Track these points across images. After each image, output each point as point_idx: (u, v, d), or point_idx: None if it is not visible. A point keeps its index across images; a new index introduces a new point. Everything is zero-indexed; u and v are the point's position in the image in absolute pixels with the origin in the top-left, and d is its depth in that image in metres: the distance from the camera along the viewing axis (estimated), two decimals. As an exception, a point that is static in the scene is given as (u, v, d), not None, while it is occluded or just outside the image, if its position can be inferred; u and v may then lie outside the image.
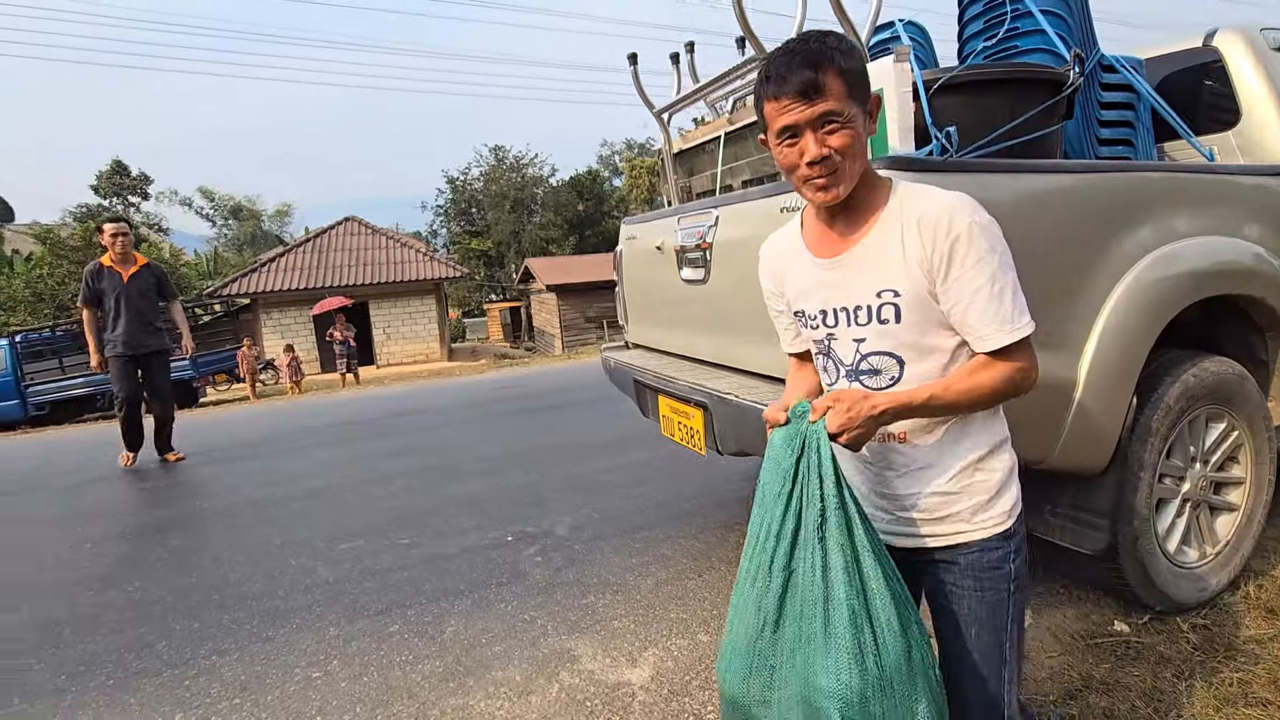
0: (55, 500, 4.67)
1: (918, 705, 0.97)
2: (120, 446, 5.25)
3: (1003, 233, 1.05)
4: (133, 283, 4.89)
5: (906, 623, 0.99)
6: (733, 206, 2.23)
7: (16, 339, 13.34)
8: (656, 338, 2.92)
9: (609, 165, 54.92)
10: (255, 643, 2.38)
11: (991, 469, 1.10)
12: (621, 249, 3.17)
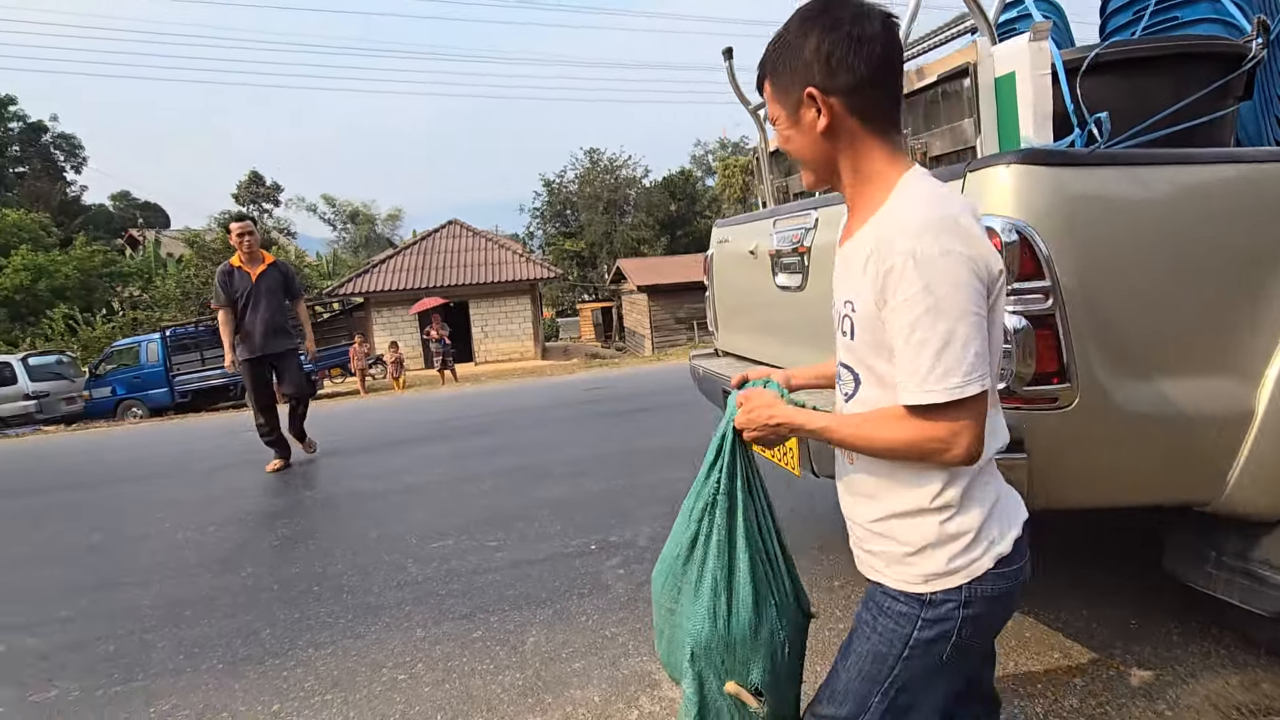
0: (192, 484, 5.12)
1: (753, 668, 1.17)
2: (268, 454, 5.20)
3: (969, 271, 0.84)
4: (261, 281, 4.86)
5: (763, 604, 1.17)
6: (835, 208, 2.05)
7: (167, 333, 14.93)
8: (747, 346, 2.78)
9: (702, 165, 54.65)
10: (348, 638, 2.45)
11: (921, 526, 0.96)
12: (713, 253, 3.05)
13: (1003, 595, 0.96)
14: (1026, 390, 1.48)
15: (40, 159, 36.26)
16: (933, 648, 0.96)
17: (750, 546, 1.18)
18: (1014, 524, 0.98)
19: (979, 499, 0.95)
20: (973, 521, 0.94)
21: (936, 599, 0.95)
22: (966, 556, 0.94)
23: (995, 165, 1.49)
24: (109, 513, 4.48)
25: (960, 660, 0.99)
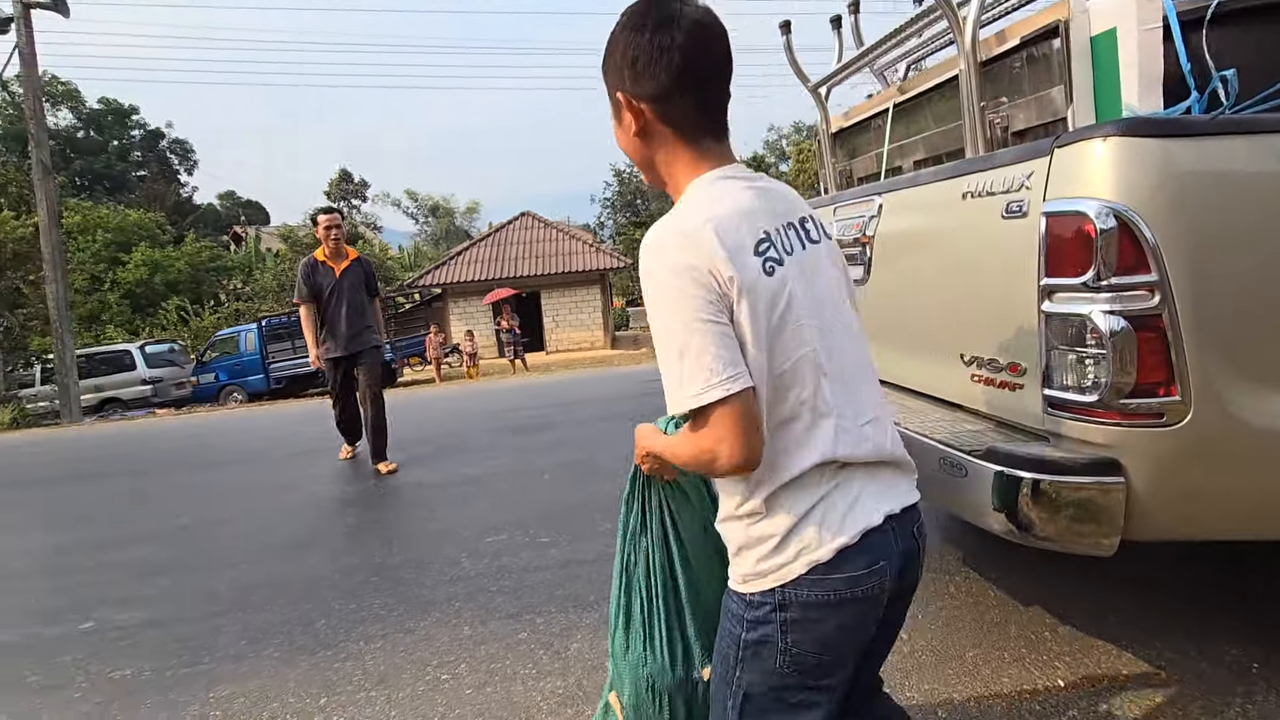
0: (270, 470, 5.40)
1: (625, 687, 1.25)
2: (338, 441, 5.19)
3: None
4: (345, 277, 4.69)
5: (632, 633, 1.24)
6: (900, 193, 1.86)
7: (263, 323, 15.96)
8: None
9: (775, 150, 53.29)
10: (398, 632, 2.48)
11: (734, 529, 0.98)
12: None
13: (826, 604, 0.92)
14: (1125, 404, 1.26)
15: (158, 163, 39.60)
16: (762, 651, 0.96)
17: (635, 580, 1.26)
18: (841, 535, 0.92)
19: (787, 506, 0.93)
20: (777, 527, 0.93)
21: (755, 600, 0.95)
22: (773, 560, 0.94)
23: (1089, 139, 1.28)
24: (197, 496, 4.78)
25: (805, 679, 0.96)
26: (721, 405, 0.84)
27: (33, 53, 12.91)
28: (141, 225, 26.41)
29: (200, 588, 3.06)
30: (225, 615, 2.75)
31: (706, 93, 0.94)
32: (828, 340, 0.93)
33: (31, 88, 13.18)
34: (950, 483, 1.42)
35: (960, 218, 1.57)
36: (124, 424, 10.67)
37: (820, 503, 0.93)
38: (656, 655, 1.21)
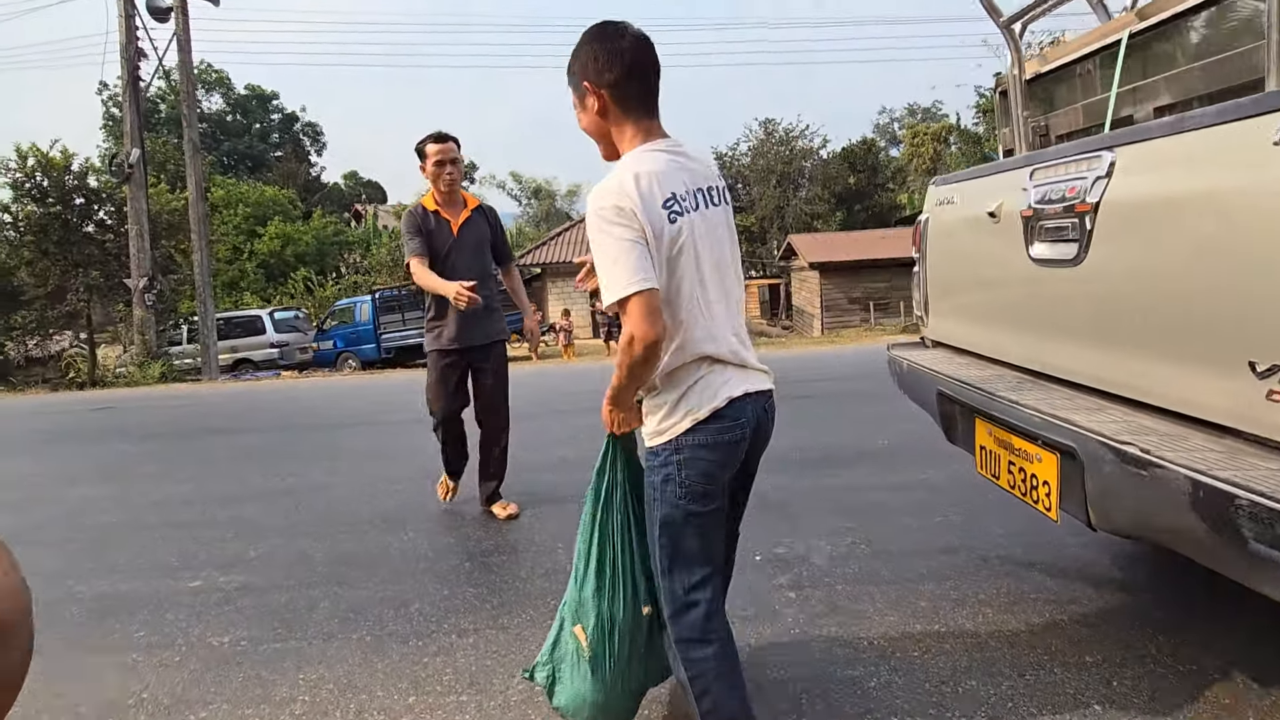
0: (376, 437, 5.50)
1: (590, 621, 1.54)
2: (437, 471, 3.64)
3: None
4: (466, 233, 3.15)
5: (603, 578, 1.54)
6: (1151, 143, 1.41)
7: (377, 295, 16.79)
8: (976, 338, 2.16)
9: (886, 134, 50.25)
10: (491, 628, 2.30)
11: (645, 402, 1.44)
12: (927, 217, 2.44)
13: (704, 445, 1.36)
14: None
15: (292, 144, 42.77)
16: (667, 487, 1.38)
17: (606, 535, 1.55)
18: (715, 401, 1.35)
19: (676, 383, 1.37)
20: (670, 398, 1.38)
21: (658, 449, 1.39)
22: (669, 421, 1.37)
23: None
24: (304, 457, 4.92)
25: (695, 504, 1.37)
26: (637, 297, 1.23)
27: (188, 40, 14.03)
28: (276, 201, 28.58)
29: (298, 554, 3.04)
30: (319, 587, 2.69)
31: (645, 82, 1.36)
32: (711, 276, 1.37)
33: (186, 72, 14.35)
34: (1255, 553, 1.00)
35: (1267, 172, 1.12)
36: (253, 384, 11.49)
37: (699, 381, 1.36)
38: (620, 594, 1.53)
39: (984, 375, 1.96)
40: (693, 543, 1.40)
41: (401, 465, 4.45)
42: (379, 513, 3.53)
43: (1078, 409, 1.52)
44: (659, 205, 1.29)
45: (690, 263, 1.33)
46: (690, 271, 1.33)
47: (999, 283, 1.94)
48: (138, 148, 13.42)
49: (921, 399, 2.26)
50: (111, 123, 32.72)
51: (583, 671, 1.54)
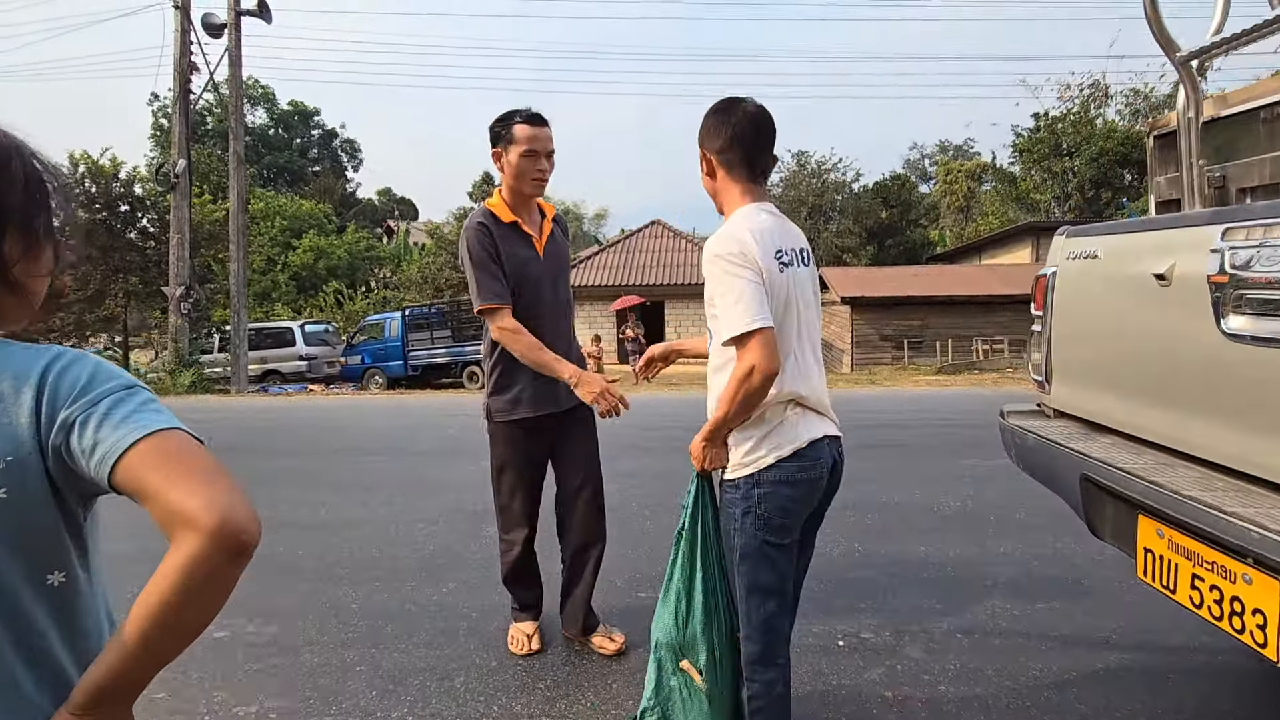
0: (411, 467, 5.28)
1: (700, 654, 1.61)
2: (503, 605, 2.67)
3: None
4: (551, 255, 2.30)
5: (709, 612, 1.61)
6: None
7: (406, 313, 16.79)
8: (1127, 415, 1.88)
9: (916, 169, 49.99)
10: (547, 717, 2.03)
11: (735, 433, 1.53)
12: (1055, 271, 2.17)
13: (784, 482, 1.47)
14: None
15: (330, 160, 43.75)
16: (746, 519, 1.49)
17: (706, 570, 1.63)
18: (797, 441, 1.48)
19: (763, 420, 1.49)
20: (757, 433, 1.49)
21: (740, 483, 1.50)
22: (752, 455, 1.49)
23: None
24: (337, 486, 4.71)
25: (773, 536, 1.49)
26: (759, 332, 1.38)
27: (239, 55, 14.35)
28: (312, 215, 29.06)
29: (332, 604, 2.81)
30: (355, 648, 2.45)
31: (749, 151, 1.54)
32: (803, 323, 1.53)
33: (235, 87, 14.65)
34: None
35: None
36: (282, 399, 11.43)
37: (784, 421, 1.50)
38: (722, 626, 1.61)
39: (1146, 463, 1.68)
40: (768, 574, 1.51)
41: (436, 501, 4.23)
42: (417, 558, 3.30)
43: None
44: (771, 255, 1.46)
45: (793, 311, 1.50)
46: (792, 319, 1.50)
47: (1168, 357, 1.67)
48: (184, 158, 13.65)
49: (1054, 480, 1.97)
50: (159, 133, 33.71)
51: (698, 704, 1.62)
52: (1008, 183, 37.74)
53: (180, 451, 0.61)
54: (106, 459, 0.59)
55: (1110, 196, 32.95)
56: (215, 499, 0.58)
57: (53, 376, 0.62)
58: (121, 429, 0.60)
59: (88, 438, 0.60)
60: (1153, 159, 2.01)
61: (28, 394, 0.61)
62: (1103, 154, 31.96)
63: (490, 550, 3.37)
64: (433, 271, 23.83)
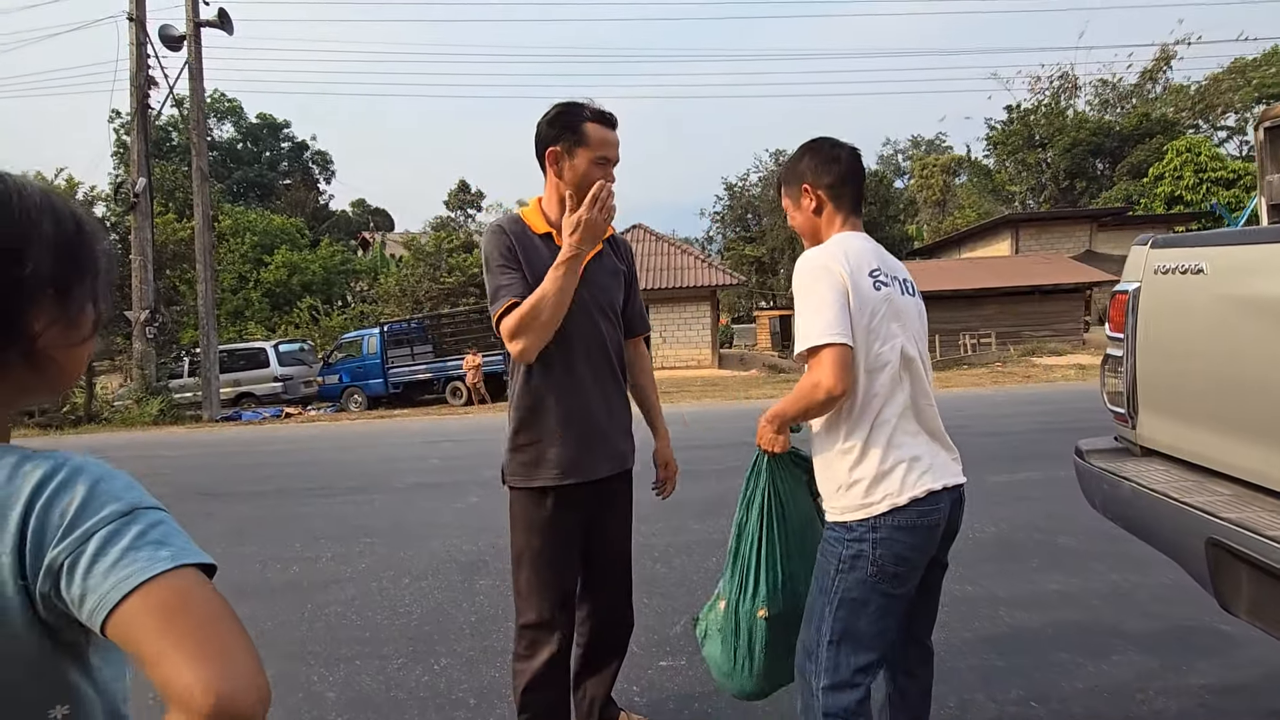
0: (392, 507, 4.88)
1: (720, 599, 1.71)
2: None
3: None
4: (596, 275, 1.77)
5: (734, 566, 1.66)
6: None
7: (385, 328, 16.26)
8: (1252, 462, 1.57)
9: (890, 165, 50.26)
10: None
11: (834, 468, 1.44)
12: (1138, 286, 1.87)
13: (903, 528, 1.38)
14: None
15: (301, 172, 42.86)
16: (857, 563, 1.39)
17: (744, 534, 1.65)
18: (916, 489, 1.39)
19: (878, 456, 1.40)
20: (868, 471, 1.40)
21: (853, 525, 1.40)
22: (867, 499, 1.39)
23: None
24: (311, 536, 4.30)
25: (885, 585, 1.39)
26: (830, 347, 1.35)
27: (200, 68, 13.79)
28: (284, 229, 28.34)
29: (307, 690, 2.42)
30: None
31: (853, 188, 1.57)
32: (910, 347, 1.45)
33: (197, 101, 14.08)
34: None
35: None
36: (253, 429, 10.91)
37: (902, 464, 1.40)
38: (746, 590, 1.62)
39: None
40: (870, 624, 1.41)
41: (421, 550, 3.85)
42: (402, 627, 2.91)
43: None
44: (866, 273, 1.43)
45: (896, 333, 1.44)
46: (894, 343, 1.43)
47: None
48: (144, 177, 13.07)
49: (1164, 541, 1.66)
50: (123, 150, 32.72)
51: (717, 639, 1.70)
52: (983, 175, 38.08)
53: (179, 607, 0.53)
54: (96, 614, 0.53)
55: (1084, 186, 33.33)
56: (213, 676, 0.51)
57: (40, 505, 0.55)
58: (113, 576, 0.53)
59: (76, 586, 0.53)
60: (1264, 154, 1.72)
61: (13, 524, 0.54)
62: (1075, 145, 32.32)
63: (486, 609, 3.03)
64: (411, 284, 23.24)
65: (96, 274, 0.66)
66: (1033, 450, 5.52)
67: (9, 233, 0.59)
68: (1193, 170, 26.22)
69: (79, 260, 0.64)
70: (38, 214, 0.61)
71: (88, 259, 0.65)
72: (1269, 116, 1.70)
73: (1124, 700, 2.13)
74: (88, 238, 0.65)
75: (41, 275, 0.60)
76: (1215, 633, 2.48)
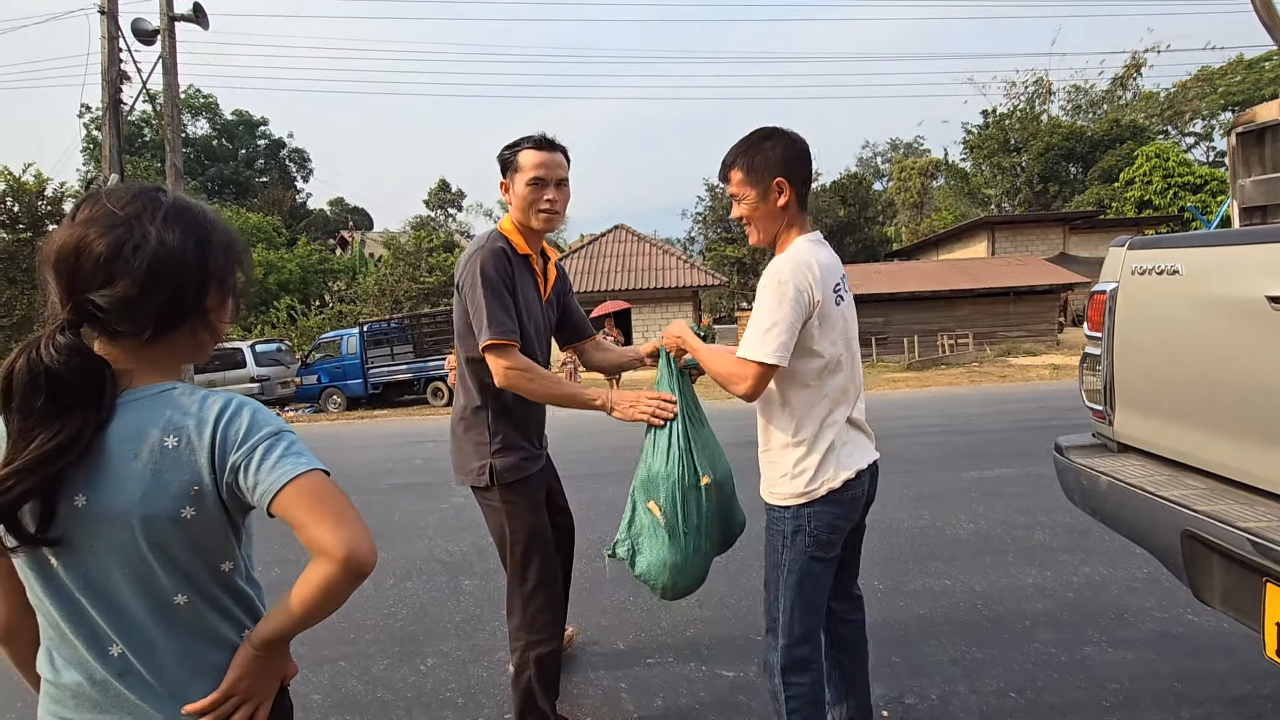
0: (374, 508, 4.84)
1: (660, 495, 1.81)
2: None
3: None
4: (550, 306, 2.11)
5: (670, 460, 1.80)
6: None
7: (364, 328, 16.06)
8: (1222, 456, 1.63)
9: (869, 167, 50.85)
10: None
11: (781, 459, 1.62)
12: (1116, 287, 1.93)
13: (832, 502, 1.59)
14: None
15: (278, 170, 42.19)
16: (796, 537, 1.59)
17: (669, 431, 1.81)
18: (847, 471, 1.60)
19: (820, 448, 1.59)
20: (812, 463, 1.58)
21: (794, 509, 1.59)
22: (808, 487, 1.58)
23: None
24: (289, 538, 4.23)
25: (820, 552, 1.60)
26: (765, 366, 1.50)
27: (174, 63, 13.51)
28: (260, 228, 27.88)
29: (292, 693, 2.39)
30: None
31: (809, 187, 1.67)
32: (849, 349, 1.64)
33: (170, 97, 13.80)
34: None
35: None
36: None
37: (841, 448, 1.61)
38: (682, 468, 1.78)
39: (1266, 518, 1.42)
40: (814, 588, 1.62)
41: (404, 551, 3.82)
42: (387, 628, 2.89)
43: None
44: (831, 289, 1.57)
45: (846, 338, 1.63)
46: (844, 346, 1.62)
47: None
48: (116, 173, 12.77)
49: (1141, 534, 1.71)
50: (92, 146, 31.94)
51: (660, 539, 1.79)
52: (959, 178, 38.65)
53: (317, 493, 0.82)
54: (264, 496, 0.81)
55: (1057, 190, 34.00)
56: (343, 537, 0.79)
57: (223, 425, 0.82)
58: (274, 473, 0.81)
59: (249, 479, 0.82)
60: (1235, 159, 1.78)
61: (207, 438, 0.82)
62: (1049, 149, 32.97)
63: (471, 609, 3.02)
64: (390, 284, 22.99)
65: (241, 272, 0.92)
66: (1009, 448, 5.63)
67: (199, 230, 0.86)
68: (1161, 175, 26.88)
69: (234, 259, 0.91)
70: (213, 220, 0.89)
71: (239, 259, 0.91)
72: (1241, 122, 1.76)
73: (1099, 689, 2.19)
74: (239, 245, 0.92)
75: (216, 265, 0.87)
76: (1185, 623, 2.55)
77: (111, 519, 0.79)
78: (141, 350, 0.84)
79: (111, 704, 0.83)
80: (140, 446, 0.80)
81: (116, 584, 0.81)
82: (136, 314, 0.80)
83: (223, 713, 0.85)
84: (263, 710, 0.88)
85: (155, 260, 0.81)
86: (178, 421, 0.81)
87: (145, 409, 0.82)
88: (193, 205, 0.88)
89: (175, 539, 0.82)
